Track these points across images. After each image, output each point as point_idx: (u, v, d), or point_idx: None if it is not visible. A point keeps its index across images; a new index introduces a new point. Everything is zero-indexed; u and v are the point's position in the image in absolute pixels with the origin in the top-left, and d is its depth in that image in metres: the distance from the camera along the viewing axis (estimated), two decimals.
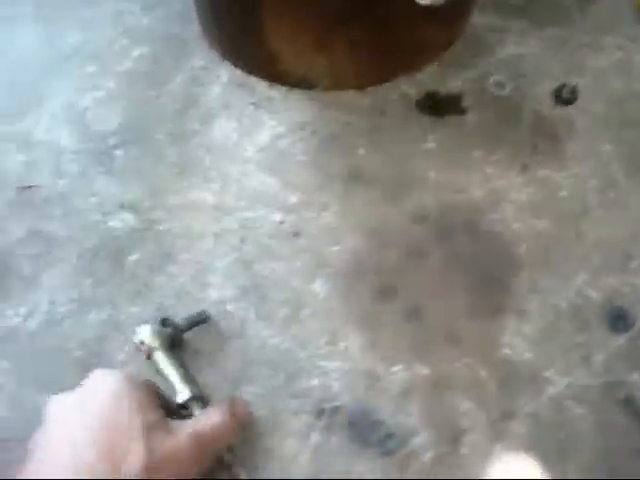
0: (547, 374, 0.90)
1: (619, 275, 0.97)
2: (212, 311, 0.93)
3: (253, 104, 1.17)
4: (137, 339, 0.73)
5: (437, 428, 0.86)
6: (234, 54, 1.20)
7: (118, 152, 1.12)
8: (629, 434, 0.85)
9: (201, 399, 0.75)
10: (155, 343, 0.73)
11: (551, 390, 0.89)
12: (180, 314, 0.91)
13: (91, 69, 1.24)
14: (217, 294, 0.96)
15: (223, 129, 1.14)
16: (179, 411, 0.72)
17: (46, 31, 1.29)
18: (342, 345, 0.92)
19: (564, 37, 1.24)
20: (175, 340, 0.79)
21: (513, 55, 1.21)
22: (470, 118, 1.13)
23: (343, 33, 1.08)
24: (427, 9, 0.93)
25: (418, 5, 0.92)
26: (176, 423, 0.62)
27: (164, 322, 0.76)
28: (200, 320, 0.84)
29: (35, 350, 0.94)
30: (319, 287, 0.97)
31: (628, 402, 0.88)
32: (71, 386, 0.73)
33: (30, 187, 1.11)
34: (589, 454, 0.84)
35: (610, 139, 1.11)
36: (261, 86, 1.19)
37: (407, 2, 0.91)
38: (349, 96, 1.16)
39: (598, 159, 1.08)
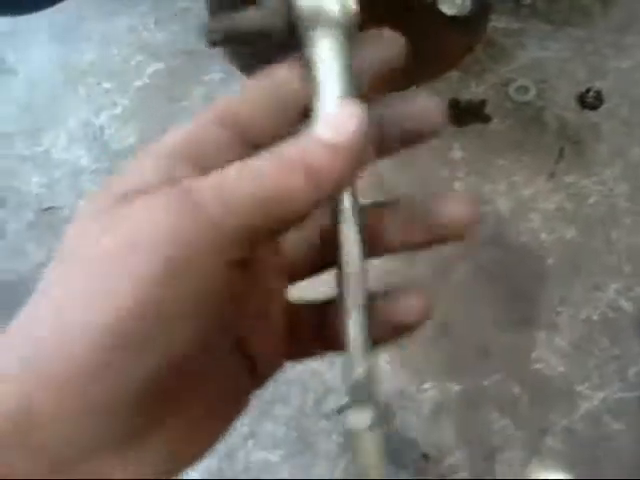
0: (581, 388, 0.88)
1: None
2: None
3: None
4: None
5: (471, 446, 0.85)
6: (253, 67, 1.18)
7: None
8: None
9: None
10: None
11: (586, 405, 0.87)
12: None
13: (107, 86, 1.23)
14: None
15: None
16: None
17: (61, 49, 1.28)
18: None
19: (586, 38, 1.21)
20: None
21: (534, 59, 1.19)
22: (494, 125, 1.11)
23: None
24: (450, 17, 0.91)
25: (441, 13, 0.90)
26: None
27: None
28: None
29: None
30: None
31: None
32: None
33: (50, 208, 1.10)
34: (628, 470, 0.82)
35: (638, 142, 1.08)
36: None
37: (429, 10, 0.90)
38: None
39: (626, 163, 1.06)
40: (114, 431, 0.28)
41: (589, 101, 1.12)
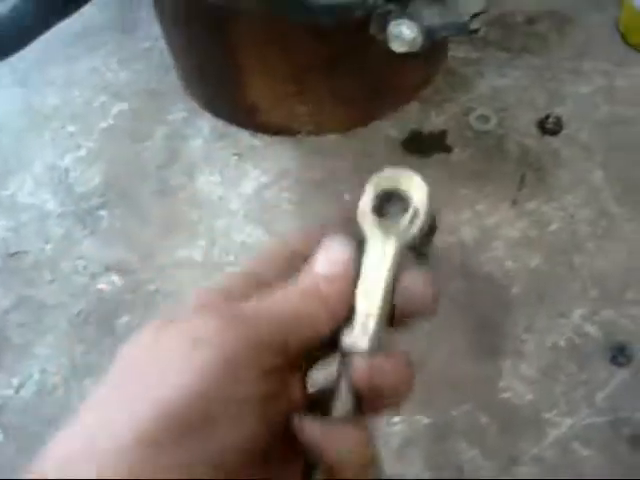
0: (549, 415, 0.88)
1: (616, 308, 0.96)
2: None
3: (236, 155, 1.16)
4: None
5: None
6: (214, 105, 1.19)
7: (102, 212, 1.11)
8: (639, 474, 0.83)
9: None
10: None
11: (555, 432, 0.87)
12: None
13: (71, 129, 1.23)
14: None
15: (207, 182, 1.13)
16: None
17: (24, 93, 1.29)
18: None
19: (544, 65, 1.23)
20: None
21: (494, 87, 1.21)
22: (455, 155, 1.12)
23: (322, 80, 1.07)
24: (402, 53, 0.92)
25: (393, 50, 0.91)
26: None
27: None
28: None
29: (29, 421, 0.92)
30: None
31: (635, 440, 0.86)
32: None
33: (17, 253, 1.09)
34: None
35: (598, 166, 1.09)
36: (243, 135, 1.18)
37: (382, 46, 0.91)
38: (332, 141, 1.15)
39: (587, 188, 1.07)
40: None
41: (549, 127, 1.13)
